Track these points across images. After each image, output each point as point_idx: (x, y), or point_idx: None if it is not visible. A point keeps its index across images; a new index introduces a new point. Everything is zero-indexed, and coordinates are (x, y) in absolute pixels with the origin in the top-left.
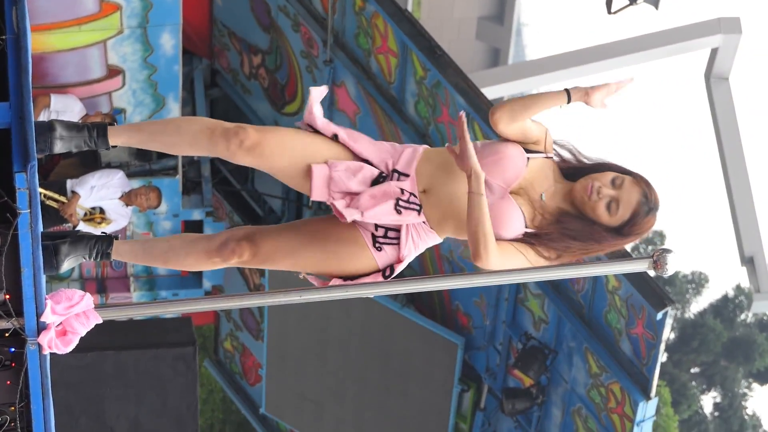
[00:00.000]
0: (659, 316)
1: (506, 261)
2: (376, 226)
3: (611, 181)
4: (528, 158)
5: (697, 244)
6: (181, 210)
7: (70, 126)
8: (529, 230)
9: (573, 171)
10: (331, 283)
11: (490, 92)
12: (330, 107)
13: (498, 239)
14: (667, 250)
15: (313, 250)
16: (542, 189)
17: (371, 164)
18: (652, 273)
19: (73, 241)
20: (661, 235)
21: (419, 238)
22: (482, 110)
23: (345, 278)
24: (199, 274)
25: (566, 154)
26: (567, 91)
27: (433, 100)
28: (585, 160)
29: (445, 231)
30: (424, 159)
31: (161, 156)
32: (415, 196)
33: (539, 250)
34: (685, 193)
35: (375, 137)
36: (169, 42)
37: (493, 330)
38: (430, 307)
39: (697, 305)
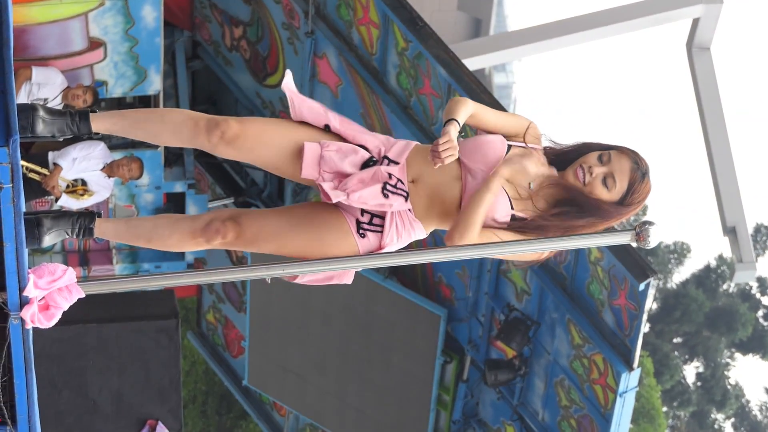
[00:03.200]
0: (641, 287)
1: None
2: (362, 212)
3: (598, 159)
4: (509, 145)
5: (680, 215)
6: (163, 182)
7: (52, 110)
8: (517, 214)
9: (557, 157)
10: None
11: (472, 63)
12: (311, 79)
13: (486, 226)
14: (649, 223)
15: (297, 234)
16: (529, 177)
17: (364, 149)
18: (634, 245)
19: (56, 216)
20: (643, 206)
21: (403, 228)
22: (464, 82)
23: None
24: None
25: (546, 143)
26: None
27: (414, 72)
28: (565, 145)
29: (431, 221)
30: (415, 152)
31: None
32: (402, 183)
33: (530, 236)
34: (667, 164)
35: (357, 109)
36: (151, 14)
37: (476, 301)
38: (413, 279)
39: (680, 275)
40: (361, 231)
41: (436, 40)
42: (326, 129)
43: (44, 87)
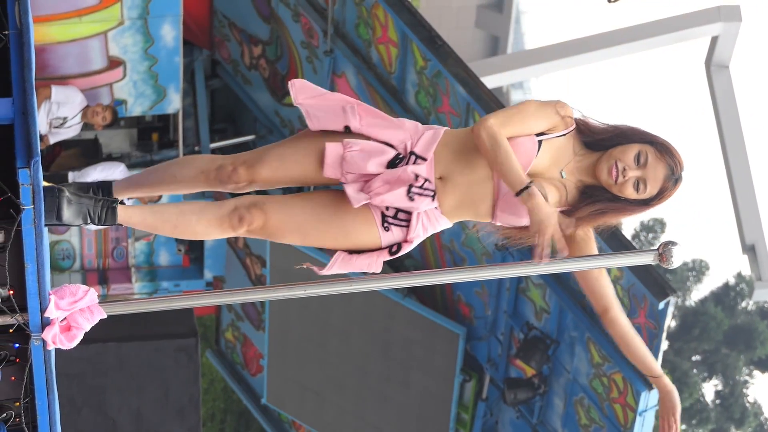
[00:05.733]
0: (661, 305)
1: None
2: (387, 206)
3: (635, 159)
4: (540, 141)
5: (698, 232)
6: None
7: (79, 188)
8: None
9: (593, 140)
10: (335, 257)
11: (490, 81)
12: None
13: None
14: (672, 243)
15: (321, 225)
16: (561, 166)
17: (390, 145)
18: (655, 264)
19: (78, 188)
20: (661, 223)
21: (429, 223)
22: (482, 100)
23: (351, 251)
24: (200, 264)
25: (582, 125)
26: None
27: (433, 90)
28: (602, 126)
29: (459, 217)
30: (443, 143)
31: (162, 146)
32: (429, 181)
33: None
34: (685, 181)
35: None
36: (170, 33)
37: (495, 320)
38: (432, 297)
39: (698, 293)
40: (386, 224)
41: (455, 58)
42: (347, 130)
43: (64, 106)
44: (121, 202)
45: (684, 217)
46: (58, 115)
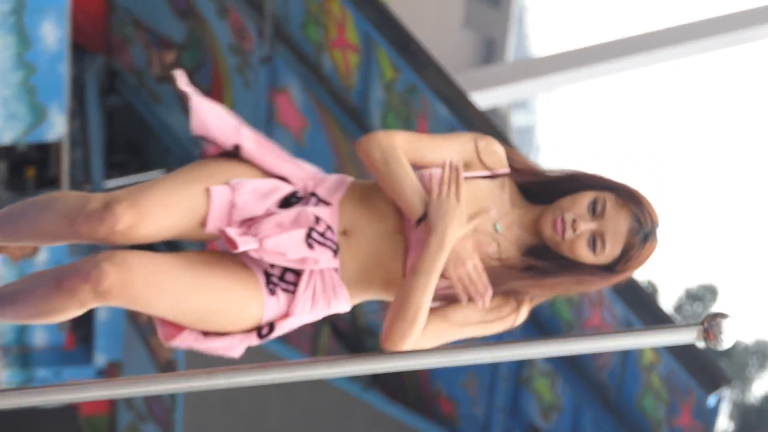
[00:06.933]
0: (711, 400)
1: (429, 341)
2: (273, 264)
3: (589, 207)
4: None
5: (762, 304)
6: (66, 257)
7: None
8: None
9: (536, 189)
10: (182, 336)
11: (484, 99)
12: (268, 120)
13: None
14: (722, 315)
15: (200, 289)
16: (491, 217)
17: (286, 181)
18: (701, 345)
19: None
20: (712, 291)
21: (322, 292)
22: (472, 123)
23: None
24: (89, 345)
25: (521, 170)
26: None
27: (406, 111)
28: (548, 172)
29: (362, 290)
30: (351, 191)
31: (40, 185)
32: (332, 231)
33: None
34: (744, 234)
35: (328, 159)
36: (53, 34)
37: (488, 420)
38: (402, 389)
39: (763, 384)
40: (270, 285)
41: (436, 68)
42: (235, 151)
43: None
44: None
45: (743, 282)
46: None
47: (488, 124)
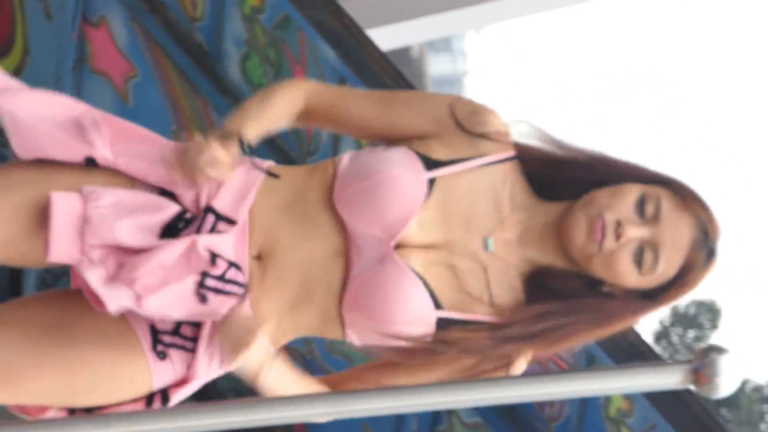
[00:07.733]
0: None
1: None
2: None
3: (637, 207)
4: (433, 179)
5: None
6: None
7: None
8: (448, 316)
9: (552, 180)
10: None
11: (388, 37)
12: (78, 66)
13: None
14: (718, 349)
15: (51, 357)
16: (485, 230)
17: (167, 193)
18: (692, 388)
19: None
20: (711, 310)
21: None
22: (371, 72)
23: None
24: None
25: (530, 153)
26: None
27: (276, 53)
28: (570, 153)
29: (289, 330)
30: (266, 194)
31: None
32: (237, 268)
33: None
34: (756, 245)
35: (165, 122)
36: None
37: None
38: None
39: None
40: (159, 347)
41: None
42: (90, 164)
43: None
44: None
45: (749, 304)
46: None
47: (393, 72)
